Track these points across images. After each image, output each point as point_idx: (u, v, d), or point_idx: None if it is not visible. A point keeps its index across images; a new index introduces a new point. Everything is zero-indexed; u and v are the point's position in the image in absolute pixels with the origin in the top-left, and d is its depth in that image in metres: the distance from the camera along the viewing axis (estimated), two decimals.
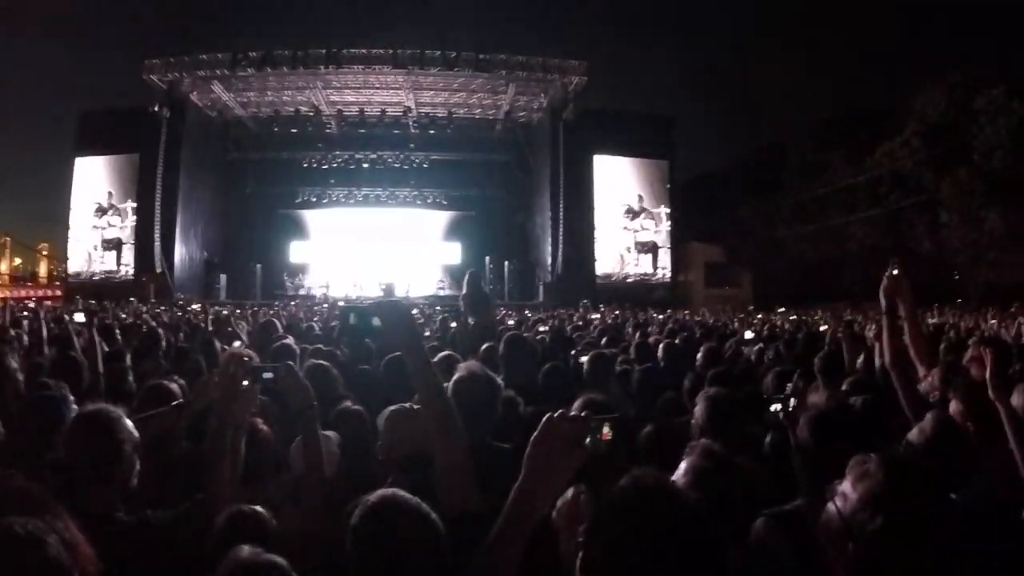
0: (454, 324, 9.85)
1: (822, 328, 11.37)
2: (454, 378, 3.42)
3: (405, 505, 2.04)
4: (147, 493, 2.97)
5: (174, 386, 4.16)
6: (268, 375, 3.07)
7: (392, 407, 3.15)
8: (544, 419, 1.88)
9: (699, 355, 6.97)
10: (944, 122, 34.57)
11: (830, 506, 1.82)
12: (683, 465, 2.50)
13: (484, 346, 6.49)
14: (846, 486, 1.80)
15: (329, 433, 3.74)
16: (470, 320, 9.34)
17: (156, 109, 33.43)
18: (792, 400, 3.83)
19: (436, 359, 2.57)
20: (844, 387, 5.08)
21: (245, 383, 3.05)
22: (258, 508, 2.76)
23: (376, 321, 2.42)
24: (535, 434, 1.87)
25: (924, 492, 1.73)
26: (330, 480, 3.37)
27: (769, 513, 2.76)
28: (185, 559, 2.14)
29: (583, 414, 1.89)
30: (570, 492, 2.00)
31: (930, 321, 13.90)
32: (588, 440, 1.85)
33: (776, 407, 3.94)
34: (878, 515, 1.68)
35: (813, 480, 2.78)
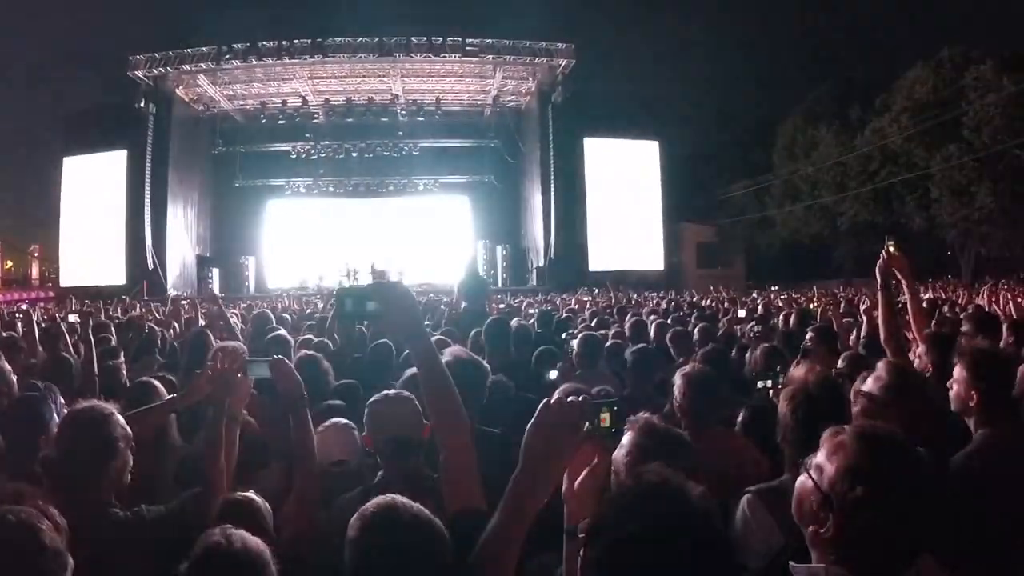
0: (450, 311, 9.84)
1: (812, 306, 11.40)
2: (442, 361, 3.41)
3: (406, 514, 1.97)
4: (141, 488, 2.99)
5: (159, 384, 4.17)
6: (260, 367, 3.09)
7: (374, 395, 3.15)
8: (541, 405, 1.82)
9: (695, 334, 6.99)
10: (933, 98, 34.56)
11: (805, 480, 1.84)
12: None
13: (473, 331, 6.52)
14: (821, 459, 1.81)
15: (343, 420, 3.76)
16: (463, 305, 9.36)
17: (142, 105, 33.29)
18: (781, 377, 3.85)
19: None
20: (840, 364, 5.09)
21: (239, 376, 3.08)
22: (252, 495, 2.79)
23: (372, 305, 2.30)
24: (532, 421, 1.82)
25: (900, 459, 1.74)
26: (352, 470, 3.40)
27: (754, 489, 2.79)
28: (180, 553, 2.14)
29: (580, 399, 1.82)
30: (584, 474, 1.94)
31: (923, 297, 13.94)
32: (587, 426, 1.81)
33: (765, 383, 3.97)
34: (857, 484, 1.70)
35: (797, 456, 2.80)
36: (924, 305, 10.16)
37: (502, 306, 13.97)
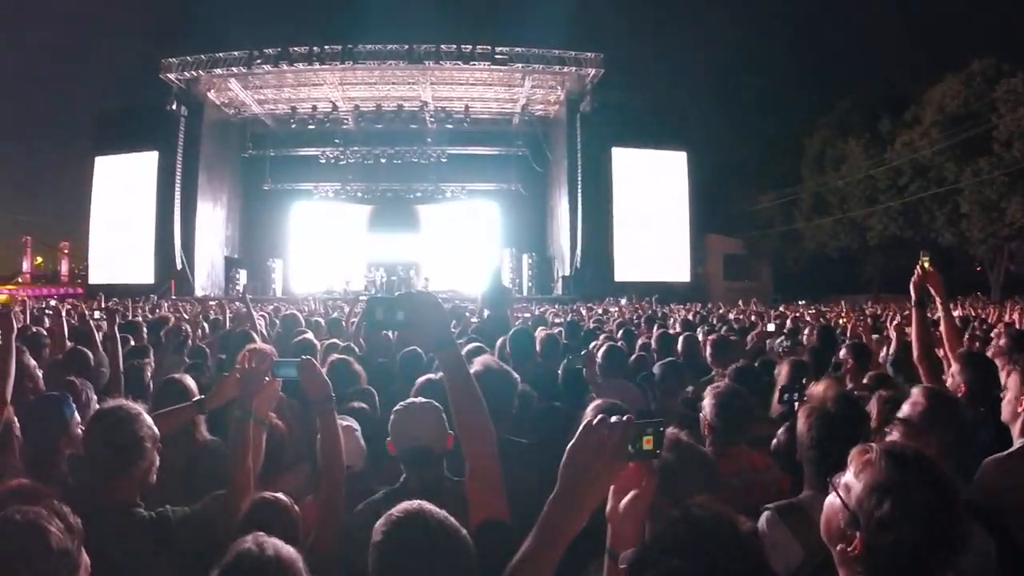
0: (475, 319, 9.82)
1: (841, 321, 11.29)
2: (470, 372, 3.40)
3: (432, 519, 1.97)
4: (167, 488, 3.00)
5: (191, 382, 4.19)
6: (288, 369, 3.09)
7: (399, 403, 3.15)
8: (583, 425, 1.75)
9: (707, 347, 6.92)
10: (963, 112, 34.25)
11: (833, 499, 1.82)
12: None
13: (500, 340, 6.49)
14: (849, 478, 1.79)
15: (354, 425, 3.76)
16: (486, 313, 9.33)
17: (174, 108, 33.70)
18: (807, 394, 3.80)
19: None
20: (865, 380, 5.03)
21: (267, 378, 3.08)
22: (280, 495, 2.79)
23: (401, 315, 2.30)
24: (572, 441, 1.75)
25: (927, 477, 1.72)
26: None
27: (774, 506, 2.75)
28: (204, 554, 2.14)
29: (625, 419, 1.75)
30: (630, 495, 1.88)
31: (954, 314, 13.81)
32: (629, 449, 1.74)
33: (792, 396, 3.92)
34: (885, 502, 1.68)
35: (815, 473, 2.77)
36: (957, 323, 10.08)
37: (526, 315, 13.94)
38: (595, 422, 1.75)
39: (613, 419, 1.75)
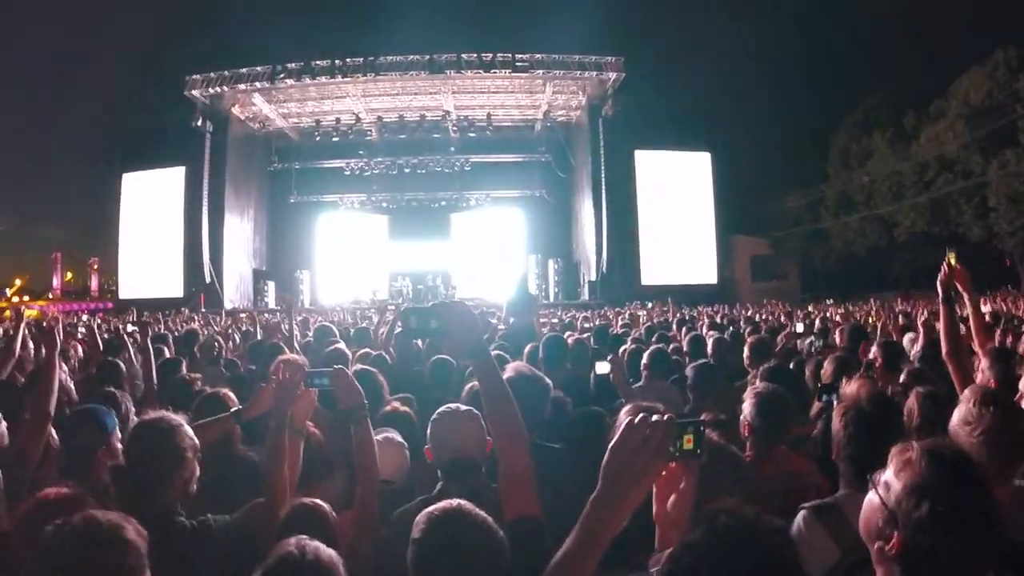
0: (501, 326, 9.85)
1: (871, 320, 11.22)
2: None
3: (470, 518, 2.01)
4: (206, 497, 3.04)
5: (231, 395, 4.23)
6: (321, 379, 3.14)
7: (440, 409, 3.18)
8: (624, 424, 1.75)
9: (746, 349, 6.91)
10: (988, 104, 33.79)
11: (872, 497, 1.83)
12: None
13: (529, 346, 6.51)
14: (889, 476, 1.80)
15: (399, 438, 3.80)
16: (511, 320, 9.35)
17: (199, 124, 34.02)
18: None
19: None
20: (902, 378, 5.00)
21: (302, 388, 3.13)
22: (318, 501, 2.84)
23: (435, 323, 2.37)
24: (613, 441, 1.74)
25: (967, 479, 1.72)
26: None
27: (809, 506, 2.76)
28: (245, 561, 2.18)
29: (666, 418, 1.74)
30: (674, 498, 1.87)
31: (984, 310, 13.64)
32: (671, 448, 1.74)
33: (831, 396, 3.91)
34: (924, 503, 1.69)
35: (851, 472, 2.77)
36: (987, 319, 9.98)
37: (554, 320, 13.94)
38: (637, 420, 1.74)
39: (655, 418, 1.74)
